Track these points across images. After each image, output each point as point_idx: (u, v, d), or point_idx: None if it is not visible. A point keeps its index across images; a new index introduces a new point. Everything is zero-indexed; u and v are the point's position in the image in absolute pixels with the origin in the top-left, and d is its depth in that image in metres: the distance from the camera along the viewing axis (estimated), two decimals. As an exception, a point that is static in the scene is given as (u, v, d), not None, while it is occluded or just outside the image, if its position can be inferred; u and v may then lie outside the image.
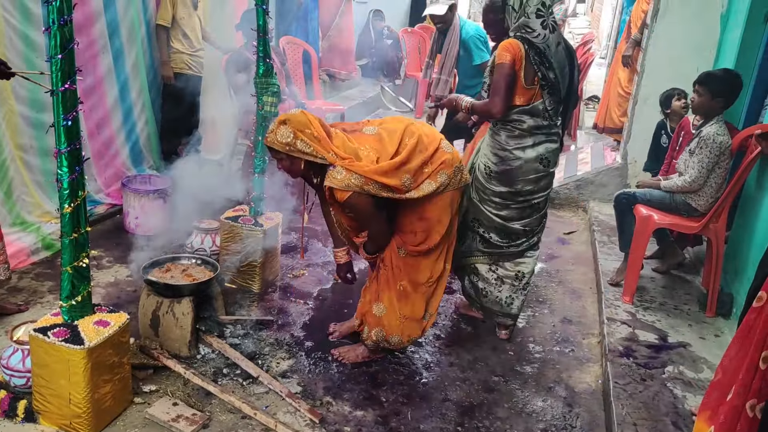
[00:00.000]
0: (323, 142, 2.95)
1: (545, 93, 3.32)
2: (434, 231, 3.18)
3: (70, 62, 2.42)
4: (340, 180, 2.89)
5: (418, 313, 3.29)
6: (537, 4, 3.24)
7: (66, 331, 2.65)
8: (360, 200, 2.94)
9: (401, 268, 3.23)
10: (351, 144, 3.04)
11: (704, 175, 3.82)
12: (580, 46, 9.83)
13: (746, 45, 4.70)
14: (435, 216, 3.16)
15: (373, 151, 3.03)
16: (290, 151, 2.94)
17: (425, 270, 3.26)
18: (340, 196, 2.92)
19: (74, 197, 2.57)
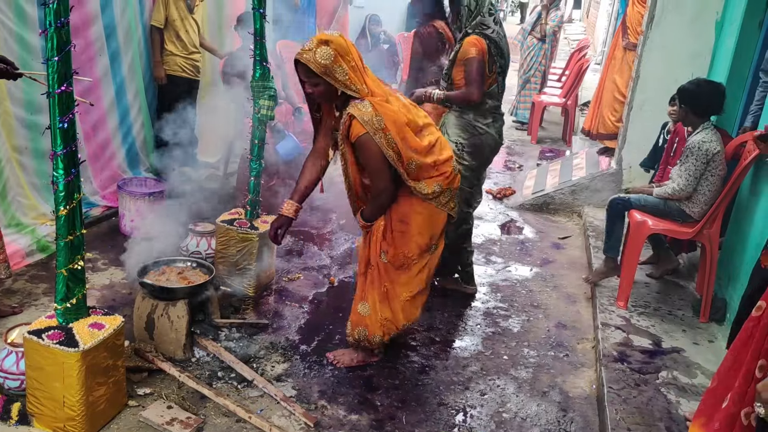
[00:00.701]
0: (359, 74, 2.89)
1: (500, 78, 3.91)
2: (412, 240, 3.16)
3: (66, 64, 2.42)
4: (364, 113, 2.85)
5: (397, 320, 3.30)
6: (488, 4, 3.81)
7: (60, 334, 2.65)
8: (371, 144, 2.90)
9: (385, 271, 3.24)
10: (384, 87, 3.01)
11: (692, 183, 3.85)
12: (575, 51, 9.90)
13: (741, 52, 4.74)
14: (415, 225, 3.15)
15: (403, 109, 3.03)
16: (325, 74, 2.82)
17: (406, 284, 3.26)
18: (356, 130, 2.87)
19: (70, 199, 2.57)
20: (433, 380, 3.39)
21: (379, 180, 3.05)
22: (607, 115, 6.65)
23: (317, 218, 5.25)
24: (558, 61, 11.43)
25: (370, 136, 2.86)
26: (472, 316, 4.10)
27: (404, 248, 3.18)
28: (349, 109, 2.87)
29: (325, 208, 5.31)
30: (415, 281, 3.27)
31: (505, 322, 4.05)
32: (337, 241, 4.95)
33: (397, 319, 3.29)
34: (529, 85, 8.94)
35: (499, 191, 6.48)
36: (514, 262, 4.99)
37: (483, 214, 5.92)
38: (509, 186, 6.68)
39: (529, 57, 8.87)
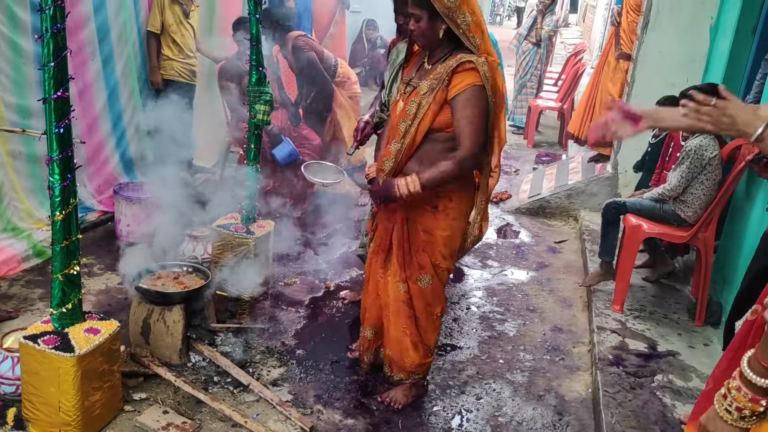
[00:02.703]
0: (479, 30, 2.72)
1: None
2: (436, 249, 2.96)
3: (63, 70, 2.43)
4: (482, 65, 2.68)
5: (433, 340, 3.27)
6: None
7: (56, 339, 2.64)
8: (482, 98, 2.72)
9: (417, 296, 3.11)
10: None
11: (682, 184, 3.89)
12: (571, 56, 9.93)
13: (735, 57, 4.77)
14: (440, 238, 2.95)
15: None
16: (447, 14, 2.63)
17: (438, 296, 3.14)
18: (470, 79, 2.67)
19: (66, 204, 2.57)
20: (429, 384, 3.39)
21: (474, 141, 2.73)
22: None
23: (314, 222, 5.25)
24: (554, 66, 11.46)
25: (484, 89, 2.70)
26: (468, 320, 4.10)
27: (433, 254, 2.99)
28: (465, 57, 2.68)
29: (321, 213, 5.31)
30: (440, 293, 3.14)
31: (501, 326, 4.06)
32: (333, 246, 4.96)
33: (434, 339, 3.20)
34: (525, 90, 8.96)
35: (496, 195, 6.49)
36: (510, 266, 5.00)
37: (479, 219, 5.93)
38: (505, 190, 6.69)
39: (524, 62, 8.91)
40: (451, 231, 2.95)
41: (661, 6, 5.36)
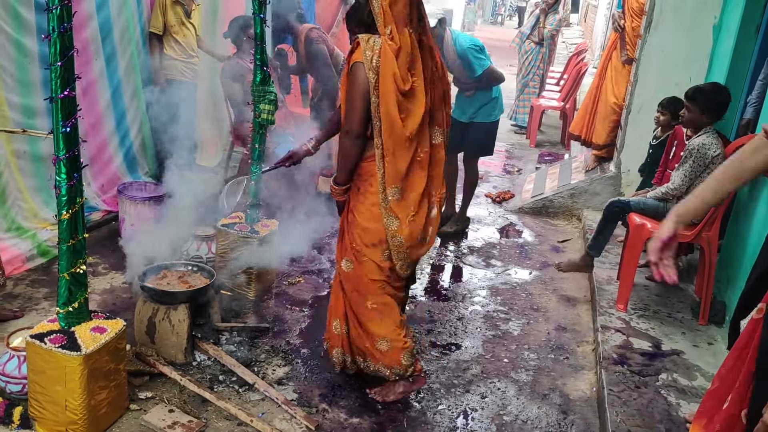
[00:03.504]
0: (388, 18, 2.74)
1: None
2: (355, 230, 3.03)
3: (69, 69, 2.43)
4: (369, 45, 2.75)
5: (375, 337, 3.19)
6: None
7: (63, 338, 2.65)
8: (360, 75, 2.78)
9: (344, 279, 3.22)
10: (413, 50, 2.81)
11: (686, 184, 3.90)
12: (573, 55, 9.93)
13: (738, 56, 4.76)
14: (358, 217, 3.01)
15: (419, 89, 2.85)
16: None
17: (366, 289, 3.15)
18: (356, 56, 2.79)
19: (72, 204, 2.58)
20: (434, 383, 3.39)
21: (347, 118, 2.90)
22: (603, 127, 6.43)
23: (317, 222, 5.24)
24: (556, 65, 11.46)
25: (362, 67, 2.77)
26: (472, 319, 4.11)
27: (352, 237, 3.05)
28: (360, 36, 2.81)
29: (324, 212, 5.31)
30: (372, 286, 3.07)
31: (505, 325, 4.06)
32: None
33: (382, 332, 3.09)
34: (527, 89, 8.96)
35: (498, 195, 6.49)
36: (514, 265, 5.01)
37: (482, 218, 5.94)
38: (508, 189, 6.69)
39: (527, 61, 8.90)
40: (369, 215, 2.97)
41: (664, 6, 5.36)
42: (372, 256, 3.01)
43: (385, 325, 3.08)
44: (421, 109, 2.84)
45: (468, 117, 5.09)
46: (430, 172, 2.97)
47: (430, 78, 2.91)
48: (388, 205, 2.92)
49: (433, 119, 2.97)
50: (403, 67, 2.76)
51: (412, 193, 2.93)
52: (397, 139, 2.83)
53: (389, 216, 2.92)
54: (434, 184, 3.02)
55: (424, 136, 2.92)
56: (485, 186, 6.78)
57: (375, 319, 3.09)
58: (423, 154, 2.92)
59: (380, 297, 3.07)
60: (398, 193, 2.91)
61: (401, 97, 2.79)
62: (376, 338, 3.08)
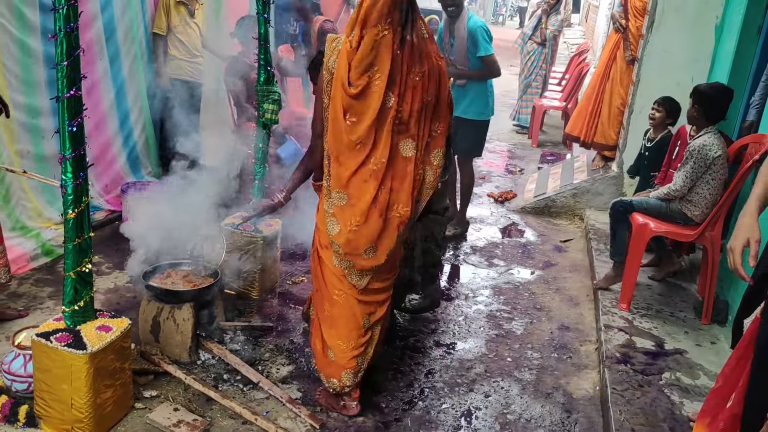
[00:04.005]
0: (358, 18, 2.60)
1: None
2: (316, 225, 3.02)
3: (75, 69, 2.45)
4: (332, 46, 2.75)
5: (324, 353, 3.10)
6: None
7: (68, 336, 2.66)
8: (321, 74, 2.80)
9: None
10: (380, 63, 2.61)
11: (687, 185, 3.90)
12: (575, 56, 9.93)
13: (740, 56, 4.77)
14: (317, 214, 3.00)
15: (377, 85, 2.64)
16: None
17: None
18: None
19: (78, 203, 2.59)
20: (438, 382, 3.40)
21: (314, 121, 2.94)
22: (611, 129, 6.27)
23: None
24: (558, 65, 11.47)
25: (323, 67, 2.78)
26: (476, 318, 4.12)
27: (315, 234, 3.05)
28: (329, 35, 2.85)
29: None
30: (329, 289, 2.98)
31: (509, 325, 4.07)
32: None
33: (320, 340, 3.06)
34: (530, 90, 8.97)
35: (501, 194, 6.50)
36: (517, 265, 5.02)
37: (485, 218, 5.95)
38: (510, 189, 6.70)
39: (529, 62, 8.91)
40: (321, 215, 2.93)
41: (666, 6, 5.37)
42: (325, 257, 2.94)
43: (333, 336, 2.98)
44: (373, 112, 2.64)
45: (461, 110, 5.07)
46: (391, 185, 2.76)
47: (412, 84, 2.68)
48: (331, 208, 2.83)
49: (405, 129, 2.73)
50: (357, 68, 2.60)
51: (359, 202, 2.75)
52: (341, 144, 2.71)
53: (330, 219, 2.83)
54: (396, 199, 2.78)
55: (380, 145, 2.70)
56: (487, 186, 6.79)
57: (326, 324, 3.02)
58: (378, 165, 2.71)
59: (335, 305, 2.95)
60: (343, 199, 2.78)
61: (351, 99, 2.64)
62: (327, 344, 3.01)
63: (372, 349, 3.03)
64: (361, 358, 2.99)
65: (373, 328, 3.01)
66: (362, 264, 2.85)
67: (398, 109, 2.68)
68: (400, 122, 2.71)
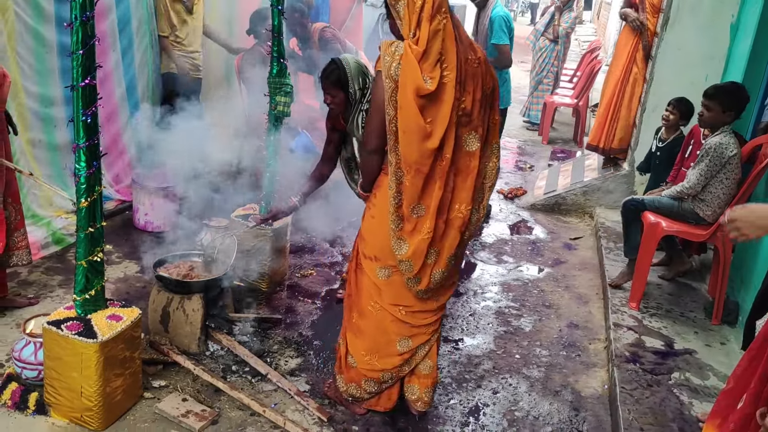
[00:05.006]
0: (415, 17, 2.47)
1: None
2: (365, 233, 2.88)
3: (91, 58, 2.45)
4: (390, 51, 2.52)
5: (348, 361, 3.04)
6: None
7: (79, 325, 2.67)
8: (378, 84, 2.58)
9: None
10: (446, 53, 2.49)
11: (701, 183, 3.87)
12: (587, 53, 9.87)
13: (755, 55, 4.73)
14: (363, 225, 2.90)
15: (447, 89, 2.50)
16: (393, 4, 2.54)
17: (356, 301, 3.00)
18: (377, 64, 2.59)
19: (91, 192, 2.60)
20: (446, 378, 3.40)
21: (367, 132, 2.72)
22: (627, 133, 6.03)
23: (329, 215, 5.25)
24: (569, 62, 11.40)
25: (380, 76, 2.55)
26: (484, 315, 4.11)
27: (359, 243, 2.93)
28: (383, 41, 2.58)
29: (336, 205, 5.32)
30: (362, 299, 2.92)
31: (517, 322, 4.06)
32: (349, 238, 4.97)
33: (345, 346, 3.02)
34: (541, 86, 8.92)
35: (511, 191, 6.48)
36: (526, 261, 5.00)
37: (494, 214, 5.93)
38: (520, 186, 6.68)
39: (541, 58, 8.86)
40: (368, 225, 2.85)
41: (682, 4, 5.32)
42: (367, 267, 2.86)
43: (357, 346, 2.94)
44: (448, 108, 2.50)
45: None
46: (454, 183, 2.65)
47: (472, 72, 2.56)
48: (400, 227, 2.66)
49: (469, 121, 2.61)
50: (429, 67, 2.47)
51: (430, 207, 2.62)
52: (423, 152, 2.53)
53: (398, 240, 2.67)
54: (457, 197, 2.67)
55: (448, 140, 2.56)
56: (498, 182, 6.75)
57: (351, 332, 2.99)
58: (444, 161, 2.58)
59: (365, 316, 2.90)
60: (422, 211, 2.63)
61: (424, 100, 2.49)
62: (349, 351, 2.99)
63: (408, 368, 2.94)
64: (388, 374, 2.94)
65: (417, 351, 2.91)
66: (426, 276, 2.73)
67: (461, 99, 2.55)
68: (463, 113, 2.57)
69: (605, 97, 6.12)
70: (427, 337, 2.90)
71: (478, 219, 2.81)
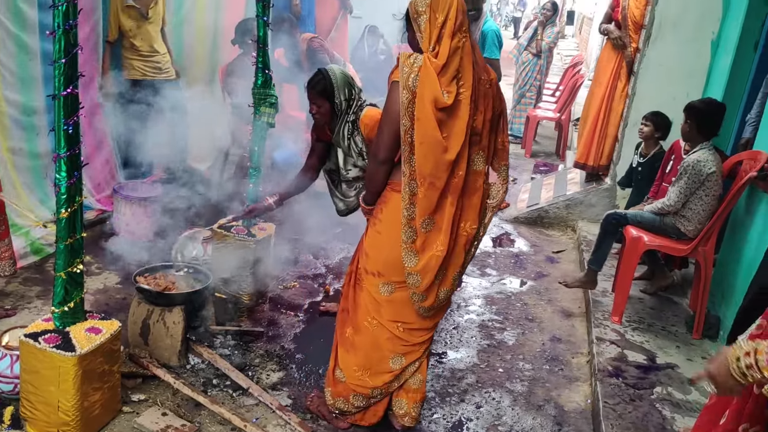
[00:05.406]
0: (433, 32, 2.50)
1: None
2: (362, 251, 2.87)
3: (73, 67, 2.42)
4: (408, 62, 2.50)
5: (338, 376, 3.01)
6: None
7: (57, 338, 2.62)
8: (394, 95, 2.55)
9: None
10: (462, 71, 2.52)
11: (681, 200, 3.91)
12: (569, 68, 9.97)
13: (736, 72, 4.80)
14: (366, 240, 2.86)
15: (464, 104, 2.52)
16: (415, 18, 2.55)
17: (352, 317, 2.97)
18: (393, 74, 2.58)
19: (71, 202, 2.56)
20: (429, 392, 3.37)
21: (376, 142, 2.67)
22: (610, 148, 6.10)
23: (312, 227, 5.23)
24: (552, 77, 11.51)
25: (397, 86, 2.52)
26: (468, 328, 4.10)
27: (360, 257, 2.90)
28: (401, 53, 2.56)
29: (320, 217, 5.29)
30: (359, 315, 2.89)
31: (500, 335, 4.06)
32: (332, 250, 4.95)
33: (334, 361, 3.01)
34: (524, 100, 9.01)
35: (494, 204, 6.48)
36: (509, 274, 5.01)
37: (477, 227, 5.93)
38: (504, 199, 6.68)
39: (524, 72, 8.95)
40: (372, 241, 2.81)
41: (664, 20, 5.40)
42: (369, 283, 2.82)
43: (348, 361, 2.91)
44: (463, 124, 2.52)
45: None
46: (463, 201, 2.66)
47: (484, 92, 2.60)
48: (411, 239, 2.63)
49: (479, 140, 2.63)
50: (446, 81, 2.49)
51: (443, 223, 2.61)
52: (438, 165, 2.53)
53: (409, 252, 2.64)
54: (465, 215, 2.68)
55: (462, 157, 2.57)
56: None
57: (343, 347, 2.95)
58: (457, 178, 2.59)
59: (360, 331, 2.87)
60: (431, 225, 2.61)
61: (442, 114, 2.50)
62: (338, 365, 2.96)
63: (398, 384, 2.93)
64: (378, 390, 2.91)
65: (407, 368, 2.90)
66: (433, 293, 2.72)
67: (474, 117, 2.57)
68: (474, 132, 2.59)
69: (590, 114, 6.15)
70: (419, 354, 2.89)
71: (480, 238, 2.82)
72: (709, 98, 4.34)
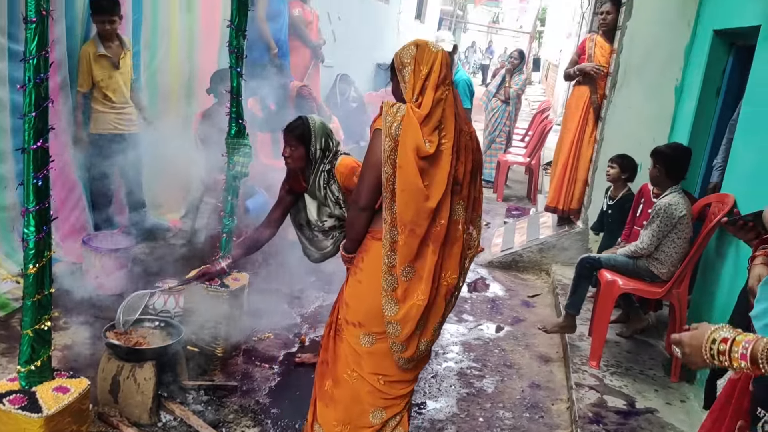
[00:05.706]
0: (417, 84, 2.55)
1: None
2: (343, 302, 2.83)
3: (43, 120, 2.39)
4: (391, 111, 2.53)
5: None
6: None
7: (23, 398, 2.52)
8: (376, 143, 2.56)
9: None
10: (445, 122, 2.55)
11: (654, 243, 3.97)
12: (538, 113, 10.19)
13: (700, 117, 4.92)
14: (346, 289, 2.83)
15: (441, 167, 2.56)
16: (400, 70, 2.60)
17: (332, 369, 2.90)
18: (376, 122, 2.60)
19: (40, 257, 2.49)
20: (409, 444, 3.30)
21: (358, 189, 2.68)
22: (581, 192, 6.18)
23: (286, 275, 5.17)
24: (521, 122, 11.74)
25: (380, 134, 2.55)
26: (446, 376, 4.05)
27: (340, 307, 2.85)
28: (384, 102, 2.60)
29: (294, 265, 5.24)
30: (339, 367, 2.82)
31: (479, 383, 4.01)
32: (307, 299, 4.89)
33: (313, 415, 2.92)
34: (494, 145, 9.15)
35: (468, 249, 6.50)
36: (486, 320, 4.99)
37: (452, 272, 5.92)
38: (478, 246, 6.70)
39: (493, 118, 9.11)
40: (352, 291, 2.77)
41: (628, 68, 5.55)
42: (349, 334, 2.76)
43: (327, 417, 2.81)
44: (445, 173, 2.54)
45: None
46: (443, 251, 2.62)
47: (465, 143, 2.63)
48: (392, 287, 2.60)
49: (459, 190, 2.64)
50: (429, 131, 2.52)
51: (424, 271, 2.58)
52: (420, 213, 2.52)
53: (389, 300, 2.60)
54: (446, 265, 2.65)
55: (444, 205, 2.58)
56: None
57: (323, 402, 2.86)
58: (439, 227, 2.58)
59: (340, 384, 2.79)
60: (411, 273, 2.58)
61: (424, 162, 2.51)
62: (317, 419, 2.87)
63: None
64: None
65: (387, 422, 2.79)
66: (413, 344, 2.67)
67: (456, 168, 2.60)
68: (455, 182, 2.61)
69: (560, 159, 6.21)
70: (400, 408, 2.82)
71: (460, 288, 2.80)
72: (676, 143, 4.44)
